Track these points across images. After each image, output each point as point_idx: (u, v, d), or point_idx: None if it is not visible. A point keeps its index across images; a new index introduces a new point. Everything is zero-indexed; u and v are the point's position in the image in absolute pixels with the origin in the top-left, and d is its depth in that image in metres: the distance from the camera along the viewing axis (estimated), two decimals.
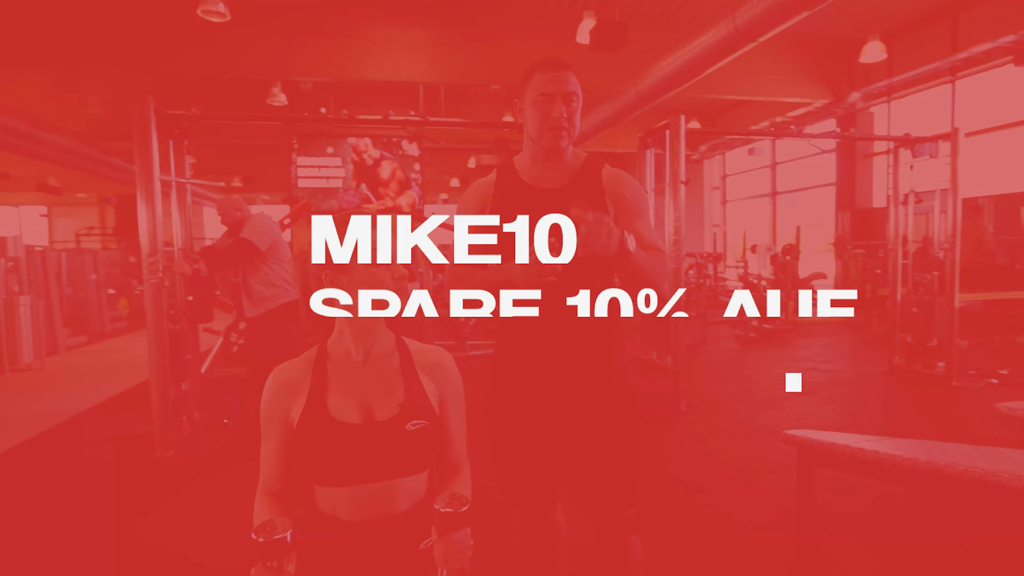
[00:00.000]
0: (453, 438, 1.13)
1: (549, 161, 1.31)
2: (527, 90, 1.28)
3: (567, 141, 1.28)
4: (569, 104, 1.25)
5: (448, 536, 0.90)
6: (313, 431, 1.01)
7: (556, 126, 1.25)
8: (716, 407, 3.81)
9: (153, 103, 2.93)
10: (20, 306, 5.13)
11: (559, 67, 1.26)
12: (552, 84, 1.24)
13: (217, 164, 12.85)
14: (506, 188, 1.35)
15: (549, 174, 1.32)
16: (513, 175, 1.36)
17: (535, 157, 1.33)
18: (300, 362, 1.09)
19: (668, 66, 6.53)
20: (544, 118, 1.25)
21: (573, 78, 1.27)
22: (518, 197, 1.32)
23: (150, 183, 2.89)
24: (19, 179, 12.08)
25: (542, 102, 1.25)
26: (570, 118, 1.26)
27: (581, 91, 1.28)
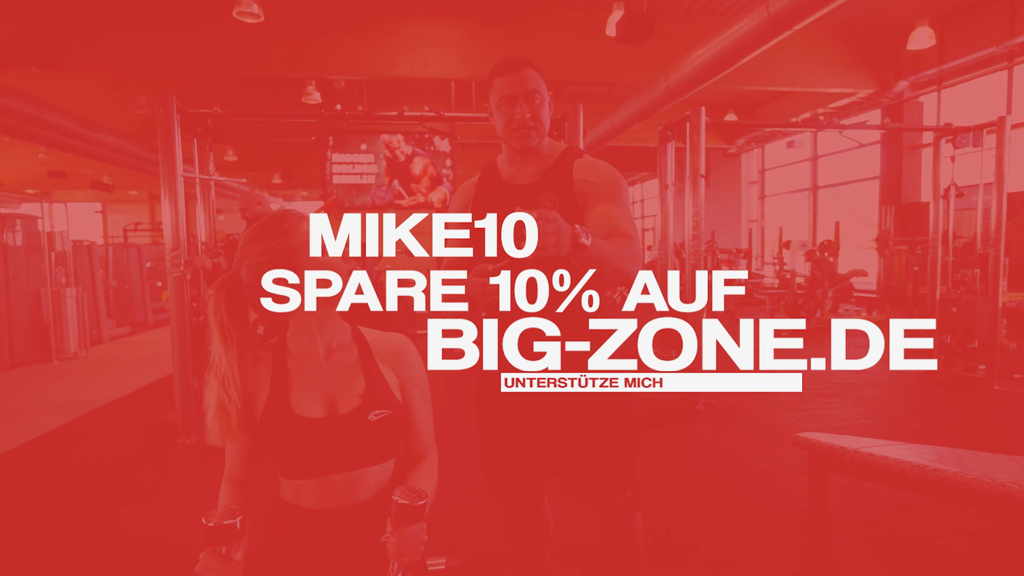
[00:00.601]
0: (418, 424, 1.13)
1: (525, 158, 1.33)
2: (490, 95, 1.30)
3: (536, 139, 1.28)
4: (531, 102, 1.25)
5: (402, 529, 0.90)
6: (277, 428, 1.02)
7: (521, 127, 1.26)
8: (735, 408, 3.71)
9: (176, 102, 3.03)
10: (67, 298, 5.41)
11: (516, 67, 1.26)
12: (511, 87, 1.25)
13: (258, 161, 13.26)
14: (485, 185, 1.38)
15: (524, 170, 1.33)
16: (494, 174, 1.38)
17: (511, 156, 1.34)
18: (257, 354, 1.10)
19: (699, 57, 6.36)
20: (508, 120, 1.26)
21: (534, 75, 1.26)
22: (495, 194, 1.35)
23: (173, 180, 3.00)
24: (75, 177, 12.74)
25: (504, 105, 1.26)
26: (535, 116, 1.26)
27: (545, 87, 1.27)
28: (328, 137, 6.78)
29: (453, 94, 9.42)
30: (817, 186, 10.89)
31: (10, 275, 5.25)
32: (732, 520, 2.25)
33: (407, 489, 0.91)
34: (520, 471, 1.39)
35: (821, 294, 6.57)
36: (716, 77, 6.39)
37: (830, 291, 6.63)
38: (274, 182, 14.12)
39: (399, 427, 1.09)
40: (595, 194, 1.28)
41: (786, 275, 7.10)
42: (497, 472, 1.41)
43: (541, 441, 1.34)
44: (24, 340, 5.32)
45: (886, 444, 2.07)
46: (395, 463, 1.12)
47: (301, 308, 1.04)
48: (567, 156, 1.34)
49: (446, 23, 7.34)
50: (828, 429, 3.28)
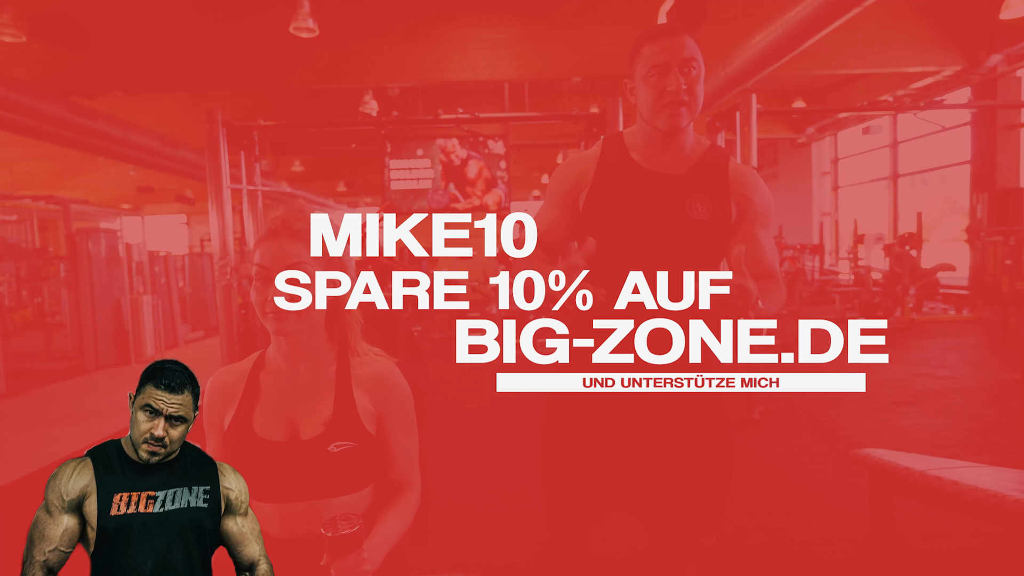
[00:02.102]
0: (396, 456, 1.06)
1: (667, 143, 1.13)
2: (637, 65, 1.11)
3: (688, 119, 1.09)
4: (688, 73, 1.06)
5: (339, 559, 0.85)
6: (237, 446, 0.99)
7: (674, 101, 1.06)
8: (797, 416, 3.44)
9: (221, 116, 3.15)
10: (144, 305, 5.81)
11: (672, 33, 1.08)
12: (666, 53, 1.07)
13: (324, 170, 13.80)
14: (612, 166, 1.16)
15: (664, 157, 1.14)
16: (622, 152, 1.17)
17: (650, 138, 1.14)
18: (238, 368, 1.08)
19: (760, 43, 6.00)
20: (659, 94, 1.07)
21: (691, 43, 1.08)
22: (627, 178, 1.14)
23: (219, 191, 3.12)
24: (161, 192, 13.72)
25: (655, 75, 1.07)
26: (690, 90, 1.07)
27: (702, 57, 1.09)
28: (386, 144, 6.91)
29: (507, 95, 9.41)
30: (897, 174, 10.07)
31: (94, 285, 5.70)
32: (783, 544, 2.06)
33: (336, 519, 0.85)
34: (591, 500, 1.18)
35: (901, 291, 6.03)
36: (779, 63, 6.00)
37: (912, 288, 6.08)
38: (339, 190, 14.64)
39: (367, 459, 1.01)
40: (752, 215, 1.13)
41: (860, 271, 6.58)
42: (562, 501, 1.21)
43: (625, 467, 1.14)
44: (107, 344, 5.76)
45: (961, 465, 1.83)
46: (373, 491, 1.07)
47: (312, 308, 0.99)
48: (717, 154, 1.17)
49: (496, 24, 7.32)
50: (904, 443, 2.97)
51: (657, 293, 0.96)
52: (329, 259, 1.03)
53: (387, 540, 0.99)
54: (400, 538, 1.04)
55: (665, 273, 0.96)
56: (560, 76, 7.99)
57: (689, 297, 0.94)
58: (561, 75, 7.84)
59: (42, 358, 6.35)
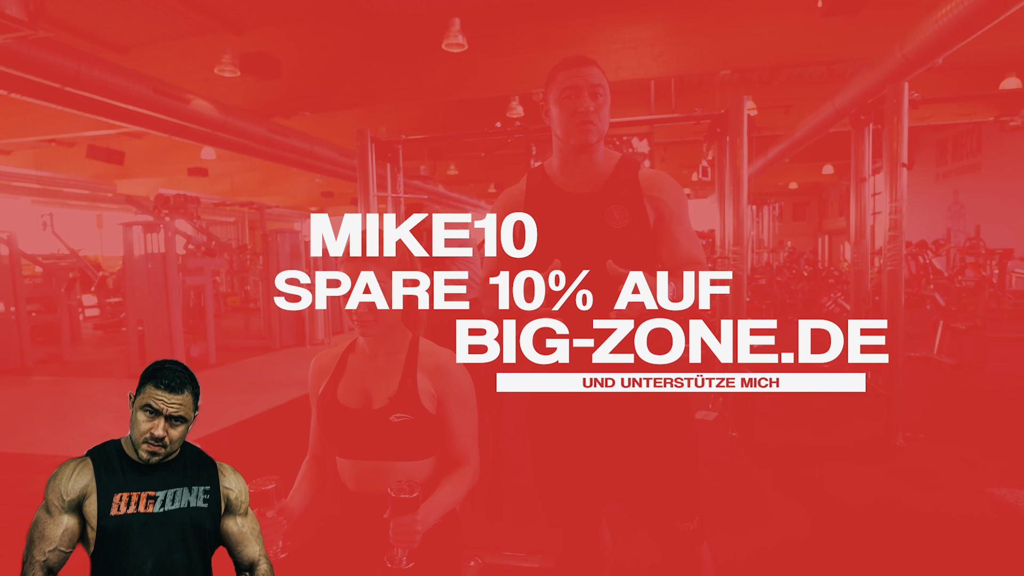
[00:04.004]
0: (454, 435, 1.22)
1: (580, 163, 1.27)
2: (551, 89, 1.26)
3: (596, 137, 1.23)
4: (596, 98, 1.21)
5: (397, 518, 1.02)
6: (324, 409, 1.23)
7: (584, 120, 1.20)
8: (955, 446, 3.00)
9: (371, 133, 3.60)
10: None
11: (582, 63, 1.23)
12: (577, 78, 1.21)
13: (476, 174, 14.67)
14: (537, 193, 1.30)
15: (580, 177, 1.27)
16: (544, 180, 1.31)
17: (565, 160, 1.28)
18: (335, 350, 1.32)
19: (947, 15, 5.19)
20: (571, 113, 1.21)
21: (599, 72, 1.23)
22: (550, 202, 1.28)
23: (367, 198, 3.58)
24: (341, 196, 15.62)
25: (567, 97, 1.21)
26: (597, 112, 1.21)
27: (608, 87, 1.23)
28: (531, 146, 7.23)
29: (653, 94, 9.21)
30: None
31: None
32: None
33: (401, 483, 1.02)
34: (577, 494, 1.31)
35: None
36: (973, 36, 5.12)
37: None
38: (490, 191, 15.45)
39: (424, 433, 1.18)
40: (668, 215, 1.25)
41: None
42: (552, 495, 1.35)
43: (600, 460, 1.27)
44: (288, 328, 6.80)
45: None
46: (434, 464, 1.24)
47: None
48: (627, 165, 1.29)
49: (638, 24, 7.23)
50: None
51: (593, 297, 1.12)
52: (404, 263, 1.22)
53: (439, 506, 1.15)
54: (452, 506, 1.20)
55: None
56: (706, 71, 7.64)
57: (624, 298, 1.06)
58: (707, 70, 7.49)
59: (242, 336, 7.69)
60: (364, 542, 1.17)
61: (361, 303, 1.15)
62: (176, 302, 5.33)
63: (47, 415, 4.35)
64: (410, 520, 1.02)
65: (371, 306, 1.15)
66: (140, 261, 5.42)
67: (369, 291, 1.15)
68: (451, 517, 1.25)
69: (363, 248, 1.17)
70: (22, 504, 2.65)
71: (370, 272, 1.14)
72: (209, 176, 11.45)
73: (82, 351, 7.20)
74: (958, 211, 10.70)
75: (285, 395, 4.65)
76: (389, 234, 1.22)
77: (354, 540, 1.19)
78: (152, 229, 5.44)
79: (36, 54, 3.75)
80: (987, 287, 4.66)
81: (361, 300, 1.15)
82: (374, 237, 1.19)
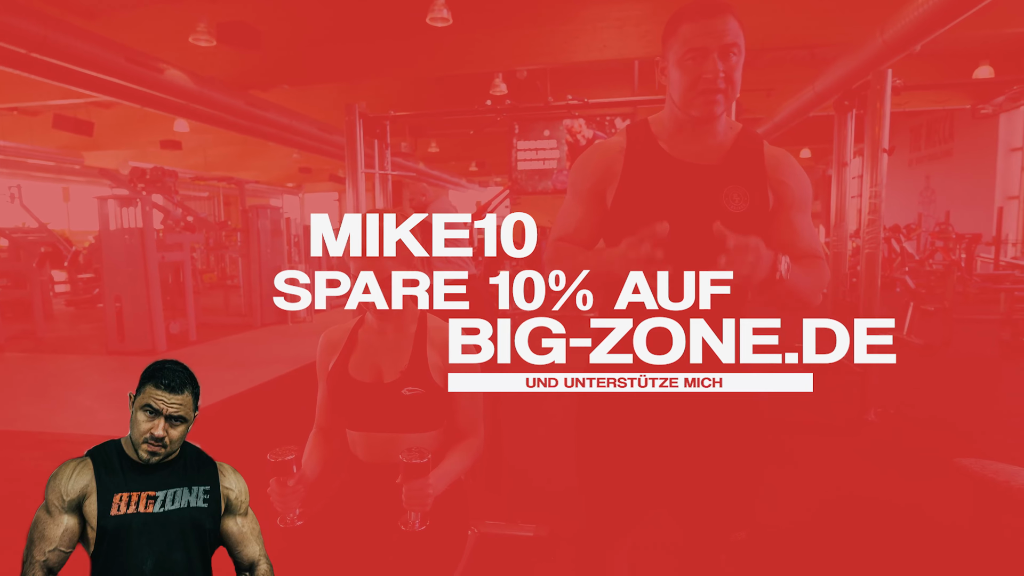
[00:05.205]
0: (460, 407, 1.26)
1: (697, 131, 1.07)
2: (672, 45, 1.04)
3: (723, 107, 1.03)
4: (727, 59, 1.00)
5: (409, 482, 1.06)
6: (335, 383, 1.25)
7: (710, 88, 1.00)
8: (925, 423, 3.14)
9: (359, 108, 3.55)
10: None
11: (716, 12, 1.00)
12: (706, 36, 0.99)
13: (457, 151, 14.52)
14: (641, 158, 1.09)
15: (696, 146, 1.07)
16: (650, 142, 1.10)
17: (680, 125, 1.08)
18: (345, 326, 1.34)
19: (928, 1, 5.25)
20: (695, 80, 1.00)
21: (734, 24, 1.00)
22: (658, 171, 1.07)
23: (355, 174, 3.55)
24: (318, 172, 15.35)
25: (692, 59, 1.00)
26: (728, 77, 1.01)
27: (744, 41, 1.01)
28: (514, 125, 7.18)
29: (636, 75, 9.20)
30: None
31: (262, 254, 6.66)
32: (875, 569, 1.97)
33: (412, 450, 1.05)
34: (626, 496, 1.16)
35: None
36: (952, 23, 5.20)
37: None
38: (471, 170, 15.33)
39: (434, 405, 1.22)
40: (790, 201, 1.08)
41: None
42: (598, 496, 1.20)
43: (657, 464, 1.12)
44: (270, 306, 6.74)
45: None
46: (442, 435, 1.27)
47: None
48: (750, 140, 1.10)
49: (625, 2, 7.19)
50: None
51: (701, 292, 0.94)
52: (410, 260, 1.23)
53: (448, 474, 1.19)
54: (460, 474, 1.24)
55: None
56: None
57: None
58: None
59: (222, 314, 7.59)
60: (376, 509, 1.20)
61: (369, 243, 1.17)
62: (154, 278, 5.23)
63: (27, 392, 4.27)
64: (422, 483, 1.05)
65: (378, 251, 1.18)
66: (116, 236, 5.28)
67: (369, 291, 1.15)
68: (457, 486, 1.29)
69: (366, 247, 1.18)
70: (14, 479, 2.62)
71: (376, 269, 1.16)
72: (182, 149, 11.14)
73: (55, 327, 7.04)
74: (929, 196, 11.00)
75: (270, 372, 4.63)
76: (390, 233, 1.21)
77: (367, 507, 1.22)
78: (128, 203, 5.30)
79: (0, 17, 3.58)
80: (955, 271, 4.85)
81: (362, 301, 1.16)
82: (380, 234, 1.19)
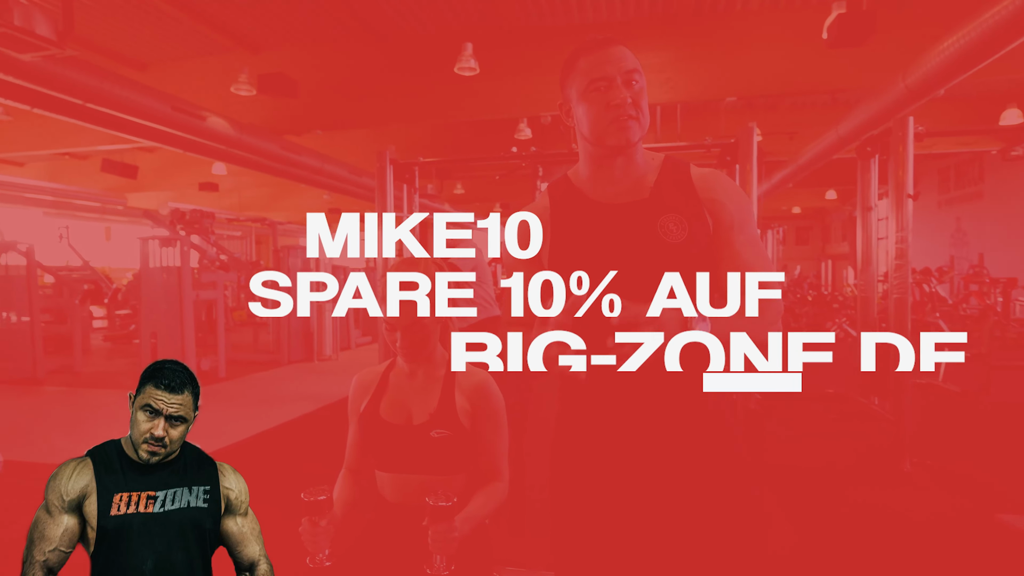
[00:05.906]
0: (486, 451, 1.28)
1: (617, 168, 1.03)
2: (573, 82, 1.01)
3: (639, 133, 0.99)
4: (630, 85, 0.98)
5: (435, 525, 1.07)
6: (366, 424, 1.29)
7: (621, 114, 0.97)
8: (962, 473, 3.03)
9: (390, 155, 3.69)
10: (326, 312, 6.81)
11: (609, 43, 1.00)
12: (606, 64, 0.98)
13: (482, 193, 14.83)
14: (566, 211, 1.05)
15: (620, 185, 1.03)
16: (571, 192, 1.07)
17: (598, 165, 1.04)
18: (376, 368, 1.38)
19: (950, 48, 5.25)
20: (604, 107, 0.98)
21: (629, 52, 1.00)
22: (585, 219, 1.03)
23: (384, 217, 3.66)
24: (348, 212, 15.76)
25: (596, 89, 0.98)
26: (636, 103, 0.98)
27: (642, 69, 0.99)
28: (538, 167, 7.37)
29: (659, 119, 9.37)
30: None
31: None
32: None
33: (439, 493, 1.07)
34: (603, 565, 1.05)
35: None
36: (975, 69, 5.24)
37: None
38: (495, 211, 15.59)
39: (461, 448, 1.24)
40: (728, 221, 1.01)
41: None
42: (572, 561, 1.10)
43: (633, 527, 1.02)
44: (297, 344, 6.86)
45: None
46: (467, 478, 1.29)
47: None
48: (674, 167, 1.05)
49: (647, 50, 7.37)
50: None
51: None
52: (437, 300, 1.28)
53: (473, 517, 1.20)
54: (485, 518, 1.25)
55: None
56: (712, 97, 7.80)
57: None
58: (713, 96, 7.64)
59: (250, 351, 7.74)
60: (403, 550, 1.22)
61: (403, 302, 1.20)
62: (189, 315, 5.40)
63: (62, 425, 4.39)
64: (448, 527, 1.07)
65: (412, 309, 1.20)
66: (155, 273, 5.50)
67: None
68: (482, 530, 1.30)
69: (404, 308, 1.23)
70: None
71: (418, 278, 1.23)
72: (219, 191, 11.60)
73: (93, 362, 7.26)
74: (961, 238, 10.79)
75: (295, 410, 4.69)
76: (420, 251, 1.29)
77: (393, 548, 1.24)
78: (169, 243, 5.53)
79: (60, 71, 3.85)
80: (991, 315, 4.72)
81: (402, 299, 1.21)
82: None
